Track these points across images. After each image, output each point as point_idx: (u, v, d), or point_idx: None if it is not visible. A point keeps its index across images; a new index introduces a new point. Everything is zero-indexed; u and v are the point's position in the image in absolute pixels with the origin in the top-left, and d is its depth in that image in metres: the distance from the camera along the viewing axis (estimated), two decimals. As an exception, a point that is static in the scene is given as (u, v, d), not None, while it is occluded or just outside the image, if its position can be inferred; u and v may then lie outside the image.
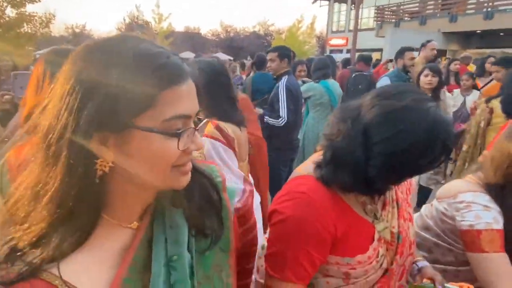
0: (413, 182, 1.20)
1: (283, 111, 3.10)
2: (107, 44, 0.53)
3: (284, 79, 3.16)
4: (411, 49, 3.96)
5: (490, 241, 1.10)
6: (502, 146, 1.19)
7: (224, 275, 0.68)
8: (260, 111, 3.21)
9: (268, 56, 3.36)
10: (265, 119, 3.13)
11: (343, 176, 0.87)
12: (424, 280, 1.07)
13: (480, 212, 1.14)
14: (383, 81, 3.77)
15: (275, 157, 3.08)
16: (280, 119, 3.10)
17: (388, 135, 0.81)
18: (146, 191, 0.60)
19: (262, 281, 1.11)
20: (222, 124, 1.59)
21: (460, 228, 1.16)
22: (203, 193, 0.66)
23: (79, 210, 0.52)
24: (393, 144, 0.82)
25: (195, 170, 0.64)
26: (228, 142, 1.55)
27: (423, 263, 1.14)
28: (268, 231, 1.04)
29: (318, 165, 0.94)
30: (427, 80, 3.04)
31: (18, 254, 0.50)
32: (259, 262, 1.15)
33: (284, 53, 3.25)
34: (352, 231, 0.92)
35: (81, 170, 0.50)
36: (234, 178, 1.53)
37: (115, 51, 0.51)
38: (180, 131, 0.53)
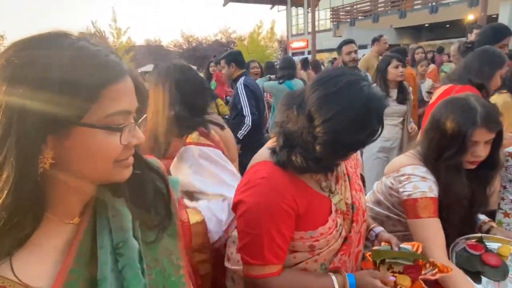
0: (359, 156, 1.29)
1: (246, 110, 3.10)
2: (41, 41, 0.51)
3: (241, 80, 3.20)
4: (350, 42, 3.62)
5: (424, 207, 1.20)
6: (432, 120, 1.28)
7: (174, 258, 0.69)
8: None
9: (221, 64, 3.46)
10: (239, 135, 3.05)
11: (296, 159, 0.94)
12: (382, 244, 1.15)
13: (417, 183, 1.23)
14: None
15: (243, 156, 3.15)
16: (245, 119, 3.07)
17: (328, 116, 0.88)
18: (88, 186, 0.59)
19: (233, 267, 1.16)
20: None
21: (402, 198, 1.27)
22: (152, 186, 0.67)
23: (21, 210, 0.50)
24: (334, 124, 0.88)
25: (144, 163, 0.66)
26: (216, 144, 1.46)
27: (378, 228, 1.23)
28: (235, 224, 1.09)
29: (273, 151, 1.01)
30: (399, 72, 2.86)
31: None
32: (229, 250, 1.22)
33: (230, 58, 3.32)
34: (312, 207, 0.99)
35: (22, 169, 0.49)
36: (232, 179, 1.42)
37: (53, 49, 0.50)
38: (122, 126, 0.54)
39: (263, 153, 1.04)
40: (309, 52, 19.98)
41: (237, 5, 44.48)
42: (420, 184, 1.23)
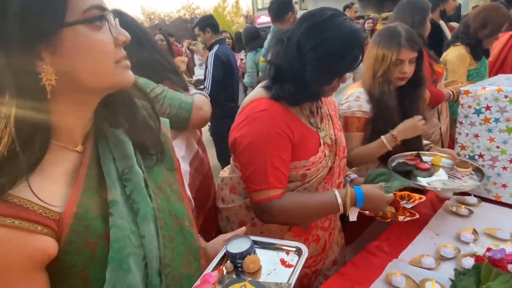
0: (336, 103, 1.39)
1: (207, 81, 3.03)
2: None
3: (215, 48, 3.09)
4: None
5: (351, 123, 1.48)
6: (369, 51, 1.48)
7: (175, 188, 0.74)
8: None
9: (195, 32, 3.29)
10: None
11: (288, 88, 1.03)
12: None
13: (351, 103, 1.49)
14: None
15: (216, 125, 3.17)
16: (204, 90, 2.98)
17: (317, 42, 0.99)
18: (91, 103, 0.61)
19: (228, 206, 1.23)
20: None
21: (341, 116, 1.51)
22: (143, 118, 0.69)
23: (30, 134, 0.53)
24: (322, 49, 0.99)
25: (137, 89, 0.69)
26: None
27: (353, 174, 1.39)
28: (234, 159, 1.19)
29: (267, 87, 1.09)
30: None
31: None
32: (222, 192, 1.28)
33: (204, 23, 3.16)
34: (304, 138, 1.09)
35: (29, 93, 0.51)
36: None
37: None
38: (103, 14, 0.55)
39: (256, 92, 1.11)
40: (275, 27, 19.86)
41: (200, -21, 42.68)
42: (353, 103, 1.48)
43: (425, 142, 1.66)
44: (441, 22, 2.75)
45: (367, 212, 1.19)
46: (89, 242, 0.57)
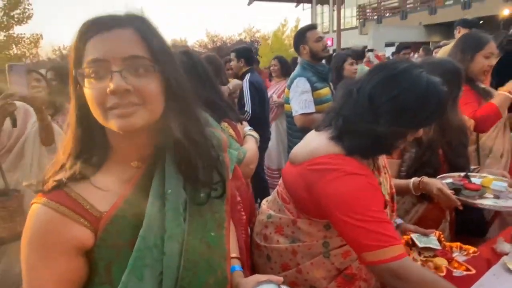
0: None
1: (248, 106, 3.24)
2: None
3: (247, 76, 3.34)
4: (313, 27, 2.71)
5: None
6: None
7: (217, 216, 0.76)
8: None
9: (230, 56, 3.58)
10: None
11: (360, 141, 0.99)
12: (413, 234, 1.28)
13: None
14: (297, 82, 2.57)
15: None
16: (246, 114, 3.20)
17: (392, 95, 0.95)
18: (133, 134, 0.67)
19: (272, 245, 1.21)
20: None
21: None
22: (203, 166, 0.74)
23: (92, 150, 0.69)
24: (398, 102, 0.95)
25: (198, 130, 0.74)
26: (240, 139, 1.45)
27: (399, 220, 1.37)
28: (289, 202, 1.16)
29: (335, 139, 1.03)
30: (353, 68, 3.23)
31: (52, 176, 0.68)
32: (266, 230, 1.25)
33: (241, 53, 3.45)
34: (380, 196, 1.05)
35: (85, 121, 0.67)
36: None
37: None
38: (91, 69, 0.62)
39: (326, 145, 1.04)
40: (334, 51, 19.75)
41: (262, 4, 44.47)
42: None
43: (472, 167, 1.62)
44: None
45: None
46: (117, 244, 0.65)
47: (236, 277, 0.87)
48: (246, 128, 1.56)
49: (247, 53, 3.52)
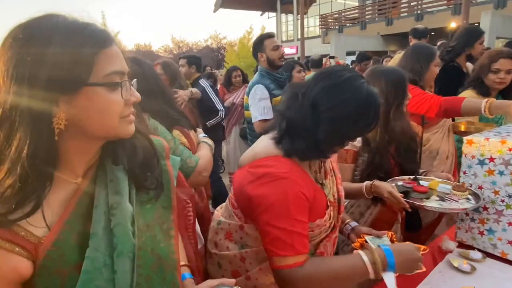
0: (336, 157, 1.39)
1: (218, 104, 3.36)
2: (40, 21, 0.59)
3: (202, 80, 3.43)
4: (271, 35, 2.66)
5: (340, 155, 1.52)
6: None
7: (165, 227, 0.75)
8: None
9: (180, 62, 3.51)
10: (208, 125, 3.35)
11: (299, 144, 1.00)
12: (367, 236, 1.26)
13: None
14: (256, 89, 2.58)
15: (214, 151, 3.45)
16: (219, 112, 3.39)
17: (334, 104, 0.97)
18: (95, 145, 0.68)
19: (222, 253, 1.21)
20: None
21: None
22: (144, 156, 0.74)
23: (37, 171, 0.59)
24: (336, 112, 0.97)
25: (140, 134, 0.74)
26: (193, 146, 1.44)
27: (353, 222, 1.37)
28: (236, 207, 1.15)
29: (277, 141, 1.05)
30: (301, 76, 3.43)
31: None
32: (216, 237, 1.24)
33: (193, 60, 3.46)
34: (315, 200, 1.05)
35: (40, 132, 0.57)
36: None
37: (48, 27, 0.58)
38: (120, 81, 0.63)
39: (267, 147, 1.07)
40: (298, 59, 20.28)
41: (228, 12, 44.73)
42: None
43: (421, 170, 1.71)
44: (468, 64, 2.76)
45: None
46: (62, 270, 0.60)
47: (187, 285, 0.87)
48: (201, 135, 1.53)
49: (198, 60, 3.53)
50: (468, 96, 2.18)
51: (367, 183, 1.42)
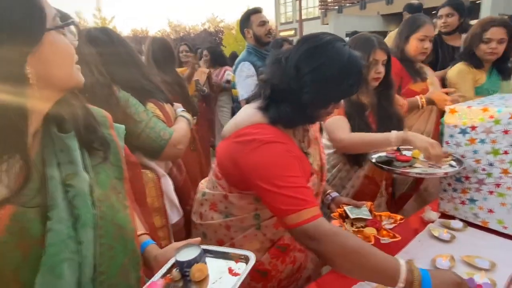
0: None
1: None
2: None
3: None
4: (257, 11, 2.59)
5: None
6: None
7: (121, 197, 0.74)
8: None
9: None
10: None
11: (285, 109, 1.01)
12: (346, 206, 1.30)
13: None
14: (242, 67, 2.56)
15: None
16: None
17: (316, 65, 0.97)
18: (43, 109, 0.64)
19: (207, 222, 1.22)
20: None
21: None
22: (85, 118, 0.71)
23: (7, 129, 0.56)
24: (319, 73, 0.97)
25: (74, 98, 0.71)
26: (169, 120, 1.42)
27: (334, 193, 1.38)
28: (220, 177, 1.15)
29: (262, 109, 1.05)
30: None
31: None
32: (202, 208, 1.25)
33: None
34: (301, 163, 1.05)
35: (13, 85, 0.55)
36: None
37: None
38: (68, 21, 0.63)
39: (254, 115, 1.06)
40: (297, 41, 19.87)
41: (226, -6, 43.73)
42: None
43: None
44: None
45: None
46: (23, 244, 0.57)
47: (152, 250, 0.86)
48: (179, 109, 1.50)
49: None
50: (460, 69, 2.14)
51: (397, 133, 1.37)
